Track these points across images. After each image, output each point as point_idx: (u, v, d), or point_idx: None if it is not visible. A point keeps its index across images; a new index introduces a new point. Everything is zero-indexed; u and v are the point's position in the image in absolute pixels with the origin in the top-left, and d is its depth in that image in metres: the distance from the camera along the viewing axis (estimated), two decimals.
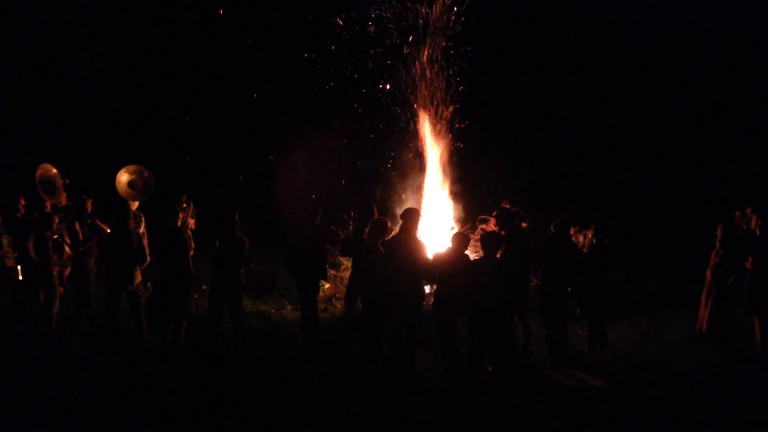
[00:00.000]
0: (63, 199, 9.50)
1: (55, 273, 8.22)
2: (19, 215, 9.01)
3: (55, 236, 8.26)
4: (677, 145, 21.99)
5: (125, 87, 18.75)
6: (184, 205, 9.49)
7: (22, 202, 9.17)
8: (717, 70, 23.97)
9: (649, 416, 6.09)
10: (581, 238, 9.23)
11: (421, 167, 10.94)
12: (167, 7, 20.41)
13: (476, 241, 9.27)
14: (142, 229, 8.89)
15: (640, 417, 6.08)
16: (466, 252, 7.27)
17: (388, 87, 10.88)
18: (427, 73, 10.66)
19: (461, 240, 6.99)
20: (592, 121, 21.78)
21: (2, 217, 8.79)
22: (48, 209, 8.90)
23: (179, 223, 8.95)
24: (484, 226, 9.21)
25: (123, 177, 9.64)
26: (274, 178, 14.84)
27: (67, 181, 9.63)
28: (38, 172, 9.18)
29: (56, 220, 8.43)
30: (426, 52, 10.56)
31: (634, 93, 23.04)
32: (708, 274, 7.36)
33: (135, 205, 9.51)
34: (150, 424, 5.66)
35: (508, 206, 9.94)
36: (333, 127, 12.27)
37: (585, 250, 8.32)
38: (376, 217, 7.78)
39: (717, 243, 7.35)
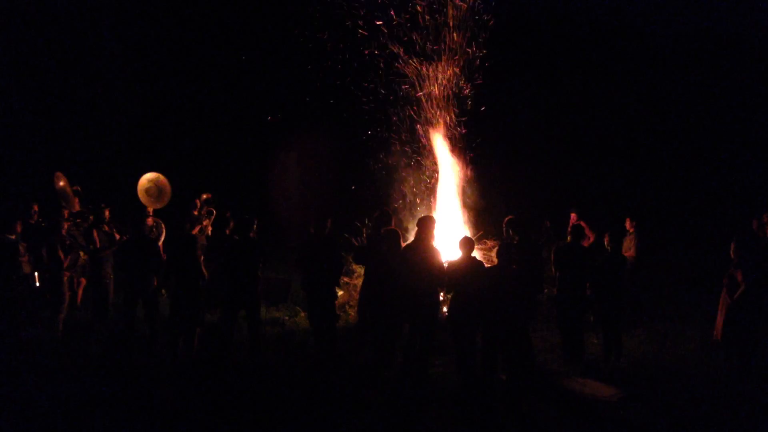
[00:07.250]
0: (76, 205, 9.62)
1: (65, 279, 8.28)
2: (32, 221, 9.14)
3: (68, 241, 8.33)
4: (701, 147, 21.84)
5: (146, 91, 18.92)
6: (204, 212, 9.56)
7: (35, 208, 9.28)
8: (737, 74, 23.75)
9: (663, 425, 6.04)
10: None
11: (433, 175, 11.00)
12: (186, 10, 20.53)
13: (488, 250, 9.30)
14: (162, 237, 8.97)
15: (655, 426, 6.03)
16: (481, 260, 7.27)
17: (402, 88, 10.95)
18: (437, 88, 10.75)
19: (467, 243, 7.04)
20: (609, 127, 21.70)
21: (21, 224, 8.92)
22: (66, 216, 9.02)
23: (208, 232, 9.02)
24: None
25: (143, 183, 9.85)
26: (288, 184, 14.91)
27: (78, 188, 9.75)
28: (55, 183, 9.37)
29: (65, 226, 8.50)
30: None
31: (646, 96, 22.94)
32: (724, 281, 7.32)
33: (151, 212, 9.64)
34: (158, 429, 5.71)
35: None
36: (346, 134, 12.32)
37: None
38: (392, 226, 7.77)
39: (731, 254, 7.30)
